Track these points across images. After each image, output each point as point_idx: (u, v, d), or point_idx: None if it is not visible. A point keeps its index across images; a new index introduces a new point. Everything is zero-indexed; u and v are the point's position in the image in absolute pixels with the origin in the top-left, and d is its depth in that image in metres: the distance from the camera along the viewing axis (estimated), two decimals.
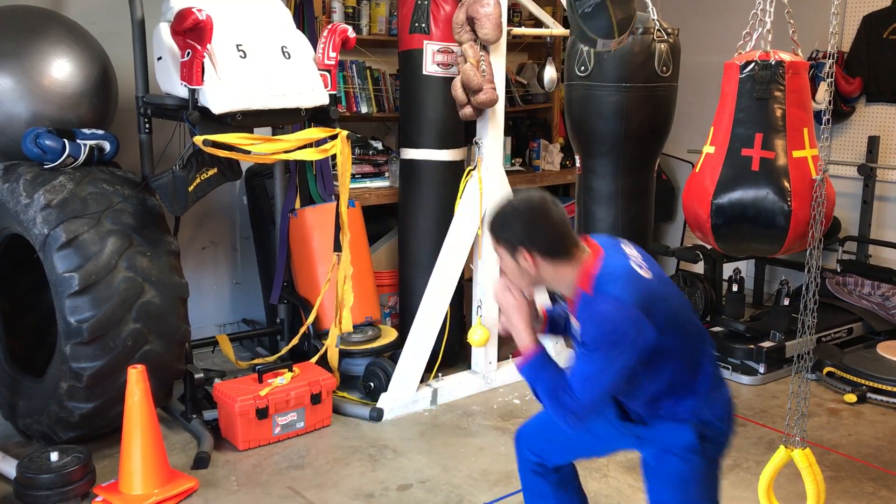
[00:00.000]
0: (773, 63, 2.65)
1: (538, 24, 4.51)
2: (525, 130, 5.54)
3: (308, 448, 3.47)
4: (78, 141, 3.30)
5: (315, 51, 3.59)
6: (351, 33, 3.60)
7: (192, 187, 3.31)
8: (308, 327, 3.94)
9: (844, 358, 4.22)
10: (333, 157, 3.56)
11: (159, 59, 3.35)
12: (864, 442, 3.59)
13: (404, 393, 3.82)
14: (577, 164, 3.85)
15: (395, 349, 4.03)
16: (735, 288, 4.57)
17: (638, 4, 3.42)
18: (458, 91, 3.80)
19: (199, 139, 3.17)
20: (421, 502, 3.06)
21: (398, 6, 4.15)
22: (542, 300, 2.23)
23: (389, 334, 4.18)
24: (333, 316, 3.83)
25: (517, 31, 4.17)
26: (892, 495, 3.14)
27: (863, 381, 4.02)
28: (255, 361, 4.07)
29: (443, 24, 3.96)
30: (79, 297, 3.05)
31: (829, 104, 2.57)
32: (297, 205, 4.17)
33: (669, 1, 5.80)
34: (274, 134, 3.87)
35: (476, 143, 3.94)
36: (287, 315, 4.22)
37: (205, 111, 3.22)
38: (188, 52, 3.10)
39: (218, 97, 3.19)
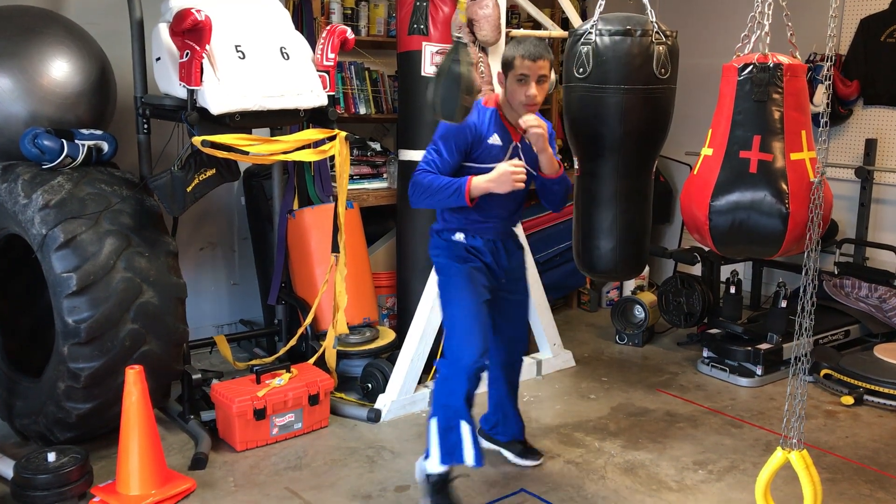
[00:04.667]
0: (771, 65, 2.65)
1: (537, 25, 4.51)
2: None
3: (306, 449, 3.47)
4: (76, 141, 3.30)
5: (314, 52, 3.59)
6: (350, 34, 3.60)
7: (190, 188, 3.31)
8: (306, 328, 3.94)
9: (842, 360, 4.23)
10: (332, 158, 3.57)
11: (158, 59, 3.35)
12: (861, 444, 3.60)
13: (402, 394, 3.82)
14: (576, 167, 3.85)
15: (392, 350, 4.03)
16: (733, 290, 4.58)
17: (637, 7, 3.43)
18: None
19: (197, 140, 3.18)
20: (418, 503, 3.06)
21: (397, 7, 4.15)
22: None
23: (387, 335, 4.18)
24: (331, 317, 3.83)
25: (516, 32, 4.17)
26: (888, 497, 3.15)
27: (860, 384, 4.03)
28: (253, 362, 4.07)
29: (441, 25, 3.96)
30: (77, 298, 3.05)
31: (827, 107, 2.57)
32: (296, 206, 4.18)
33: (668, 3, 5.81)
34: (272, 135, 3.87)
35: None
36: (285, 316, 4.22)
37: (203, 112, 3.22)
38: (187, 53, 3.10)
39: (216, 98, 3.19)
